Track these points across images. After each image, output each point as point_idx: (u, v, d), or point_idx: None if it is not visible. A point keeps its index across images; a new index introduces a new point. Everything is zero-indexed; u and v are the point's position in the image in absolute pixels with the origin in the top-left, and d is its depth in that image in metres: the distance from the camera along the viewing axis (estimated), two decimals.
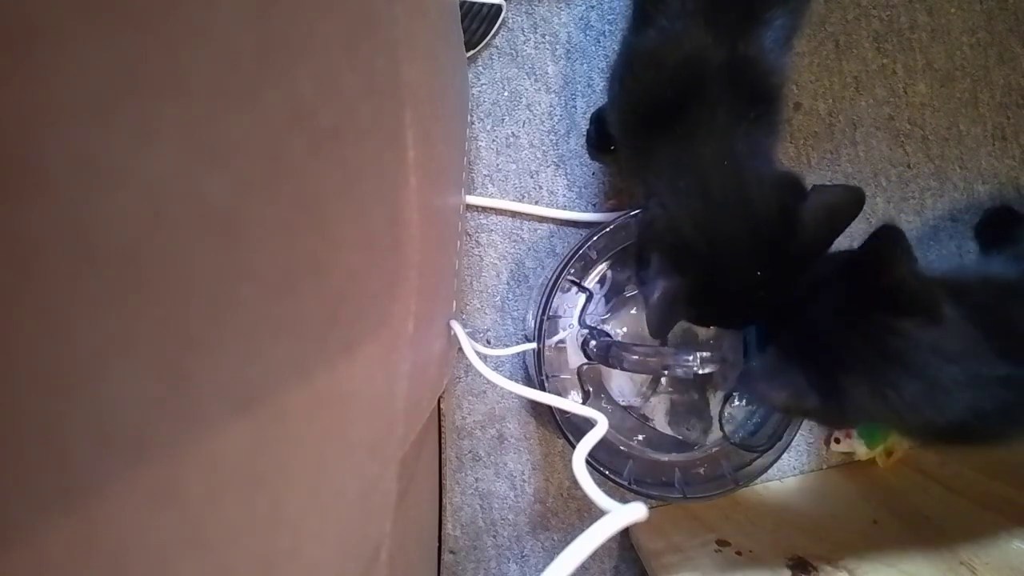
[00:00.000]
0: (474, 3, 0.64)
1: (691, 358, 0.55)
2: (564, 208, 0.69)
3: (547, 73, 0.69)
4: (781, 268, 0.46)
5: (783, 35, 0.47)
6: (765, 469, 0.59)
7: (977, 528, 0.61)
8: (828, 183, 0.72)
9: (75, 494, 0.13)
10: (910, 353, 0.43)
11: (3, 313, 0.11)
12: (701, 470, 0.60)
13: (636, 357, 0.55)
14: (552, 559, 0.21)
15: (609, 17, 0.69)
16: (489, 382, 0.55)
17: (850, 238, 0.73)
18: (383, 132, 0.27)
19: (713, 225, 0.45)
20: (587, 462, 0.31)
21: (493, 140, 0.68)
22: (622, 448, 0.60)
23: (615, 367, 0.57)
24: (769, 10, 0.46)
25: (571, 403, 0.42)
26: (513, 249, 0.69)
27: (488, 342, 0.69)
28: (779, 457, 0.59)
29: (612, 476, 0.56)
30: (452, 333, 0.50)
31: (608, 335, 0.62)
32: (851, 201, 0.45)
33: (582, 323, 0.61)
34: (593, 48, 0.69)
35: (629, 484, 0.56)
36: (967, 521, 0.62)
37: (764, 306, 0.49)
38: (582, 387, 0.61)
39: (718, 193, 0.45)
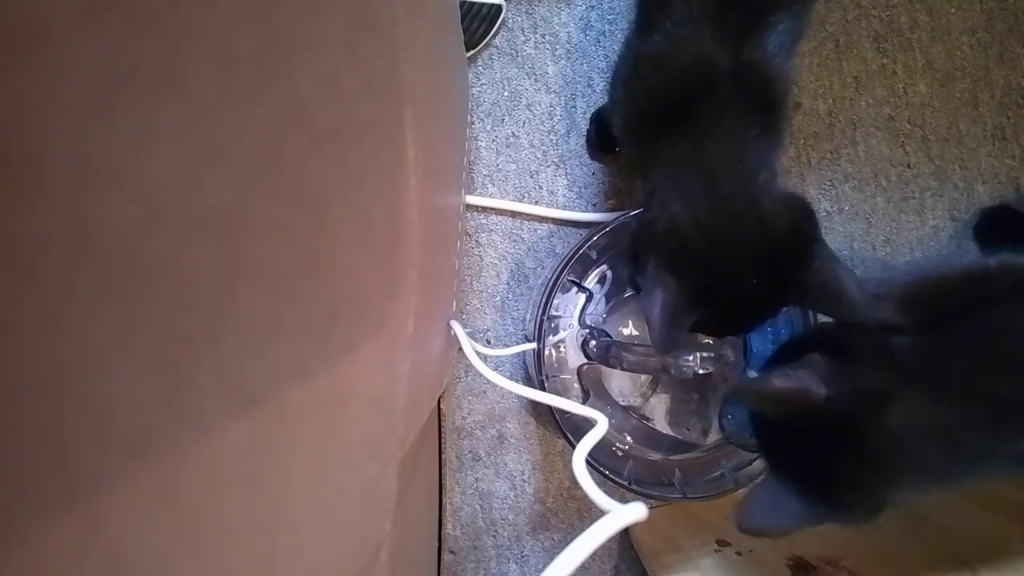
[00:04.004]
0: (474, 3, 0.64)
1: (691, 358, 0.55)
2: (564, 208, 0.69)
3: (547, 73, 0.69)
4: (776, 281, 0.46)
5: (787, 39, 0.47)
6: (765, 469, 0.59)
7: (977, 528, 0.61)
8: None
9: (75, 494, 0.13)
10: (894, 450, 0.43)
11: (3, 313, 0.11)
12: (701, 470, 0.60)
13: (636, 357, 0.55)
14: (552, 559, 0.21)
15: (609, 17, 0.69)
16: (489, 382, 0.55)
17: (849, 238, 0.74)
18: (383, 132, 0.27)
19: (716, 225, 0.45)
20: (587, 462, 0.31)
21: (493, 140, 0.68)
22: (622, 448, 0.60)
23: (615, 367, 0.57)
24: (773, 14, 0.46)
25: (571, 403, 0.42)
26: (513, 249, 0.69)
27: (488, 342, 0.69)
28: None
29: (612, 476, 0.56)
30: (452, 333, 0.50)
31: (608, 335, 0.62)
32: (853, 297, 0.44)
33: (582, 323, 0.61)
34: (593, 48, 0.69)
35: (629, 484, 0.56)
36: (967, 521, 0.62)
37: (754, 315, 0.49)
38: (582, 387, 0.61)
39: (726, 194, 0.44)
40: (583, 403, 0.60)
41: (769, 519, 0.45)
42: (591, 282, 0.61)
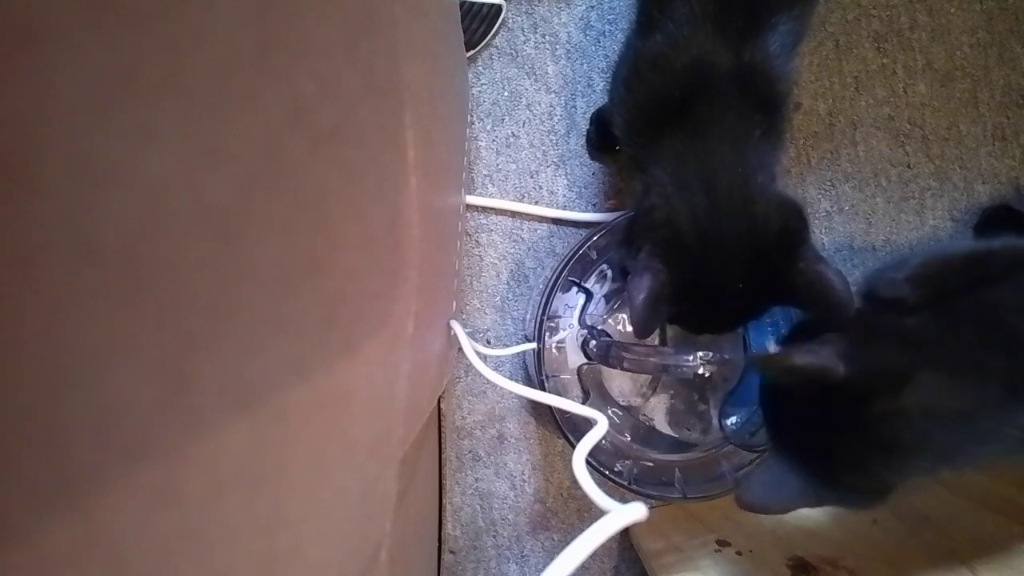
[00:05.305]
0: (474, 3, 0.64)
1: (691, 358, 0.55)
2: (564, 208, 0.69)
3: (547, 73, 0.69)
4: (761, 283, 0.46)
5: (789, 40, 0.47)
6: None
7: (977, 528, 0.61)
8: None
9: (75, 494, 0.13)
10: (905, 433, 0.42)
11: (3, 313, 0.11)
12: (701, 470, 0.60)
13: (636, 357, 0.55)
14: (552, 559, 0.21)
15: (609, 17, 0.69)
16: (489, 382, 0.55)
17: (849, 238, 0.74)
18: (383, 132, 0.27)
19: (710, 223, 0.45)
20: (587, 462, 0.31)
21: (493, 140, 0.68)
22: (622, 448, 0.60)
23: (615, 367, 0.57)
24: (774, 15, 0.46)
25: (571, 403, 0.42)
26: (513, 249, 0.69)
27: (488, 342, 0.69)
28: None
29: (612, 476, 0.56)
30: (452, 333, 0.50)
31: (608, 335, 0.62)
32: (840, 296, 0.44)
33: (582, 323, 0.61)
34: (593, 48, 0.69)
35: (629, 484, 0.56)
36: (967, 521, 0.62)
37: (734, 316, 0.50)
38: (582, 387, 0.61)
39: (724, 193, 0.45)
40: (583, 403, 0.60)
41: (768, 496, 0.45)
42: (591, 282, 0.61)
